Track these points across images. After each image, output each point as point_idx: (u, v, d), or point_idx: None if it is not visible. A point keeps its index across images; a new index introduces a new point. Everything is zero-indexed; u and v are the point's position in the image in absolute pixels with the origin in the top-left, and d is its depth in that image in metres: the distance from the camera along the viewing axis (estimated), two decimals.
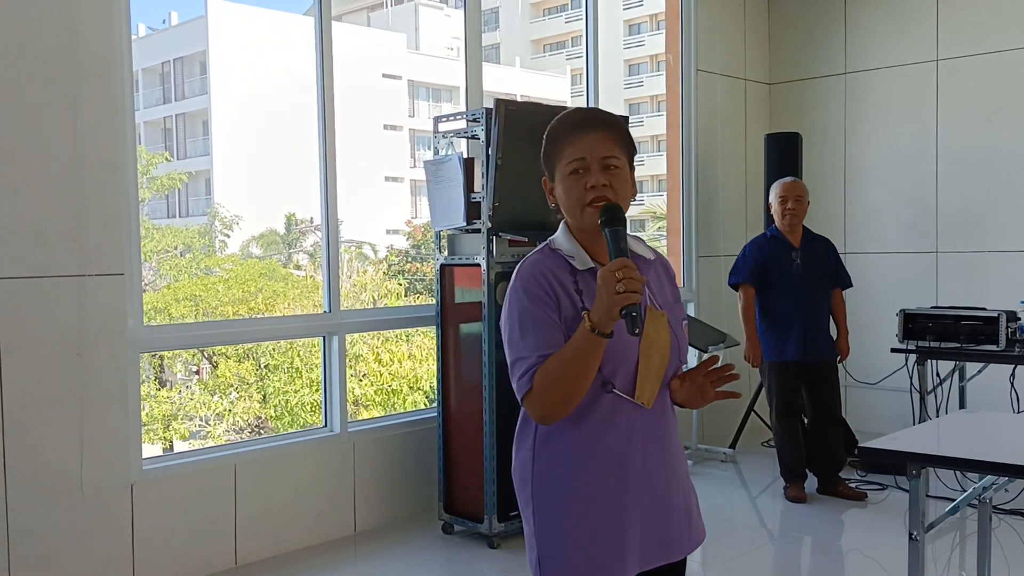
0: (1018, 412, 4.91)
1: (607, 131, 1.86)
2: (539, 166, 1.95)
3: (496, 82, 29.87)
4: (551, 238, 1.92)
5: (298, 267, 20.54)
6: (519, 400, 1.81)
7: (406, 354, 15.08)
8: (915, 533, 2.68)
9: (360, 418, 9.25)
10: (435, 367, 4.56)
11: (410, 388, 14.85)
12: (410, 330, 13.78)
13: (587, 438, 1.81)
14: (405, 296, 17.59)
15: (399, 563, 4.29)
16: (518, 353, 1.79)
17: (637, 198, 2.00)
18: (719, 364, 1.84)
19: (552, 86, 31.61)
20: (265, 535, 4.23)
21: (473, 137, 4.51)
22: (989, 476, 2.79)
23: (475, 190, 4.32)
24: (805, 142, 6.27)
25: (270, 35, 23.90)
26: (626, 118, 4.03)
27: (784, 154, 6.04)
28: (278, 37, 23.74)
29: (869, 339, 5.99)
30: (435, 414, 4.63)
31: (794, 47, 6.95)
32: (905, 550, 2.68)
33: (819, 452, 5.14)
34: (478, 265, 4.31)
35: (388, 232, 22.47)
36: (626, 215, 1.82)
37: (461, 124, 4.56)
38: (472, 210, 4.30)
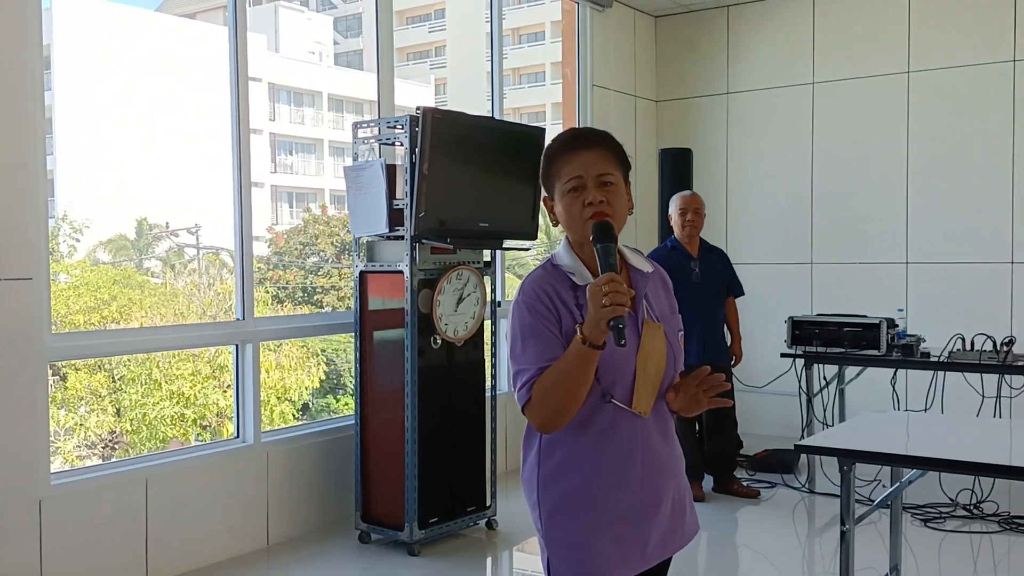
0: (937, 411, 5.30)
1: (602, 148, 1.95)
2: (466, 174, 2.06)
3: (360, 88, 29.60)
4: (554, 254, 1.98)
5: (153, 274, 19.69)
6: (521, 410, 1.88)
7: (273, 363, 14.70)
8: (846, 525, 2.88)
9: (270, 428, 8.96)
10: (353, 373, 4.53)
11: (278, 399, 14.48)
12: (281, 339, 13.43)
13: (589, 446, 1.90)
14: (270, 305, 17.12)
15: (314, 575, 4.23)
16: (519, 365, 1.87)
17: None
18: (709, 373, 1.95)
19: (416, 95, 31.58)
20: (176, 550, 4.08)
21: (388, 143, 4.50)
22: (913, 471, 3.03)
23: (397, 197, 4.31)
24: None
25: (118, 31, 22.85)
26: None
27: (678, 168, 6.31)
28: (127, 33, 22.73)
29: (752, 345, 6.31)
30: (352, 422, 4.58)
31: (680, 67, 7.27)
32: (798, 544, 2.87)
33: (715, 453, 5.39)
34: (400, 272, 4.31)
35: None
36: (620, 230, 1.92)
37: (375, 131, 4.55)
38: (395, 217, 4.30)
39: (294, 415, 13.30)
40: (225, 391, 13.96)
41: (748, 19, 6.97)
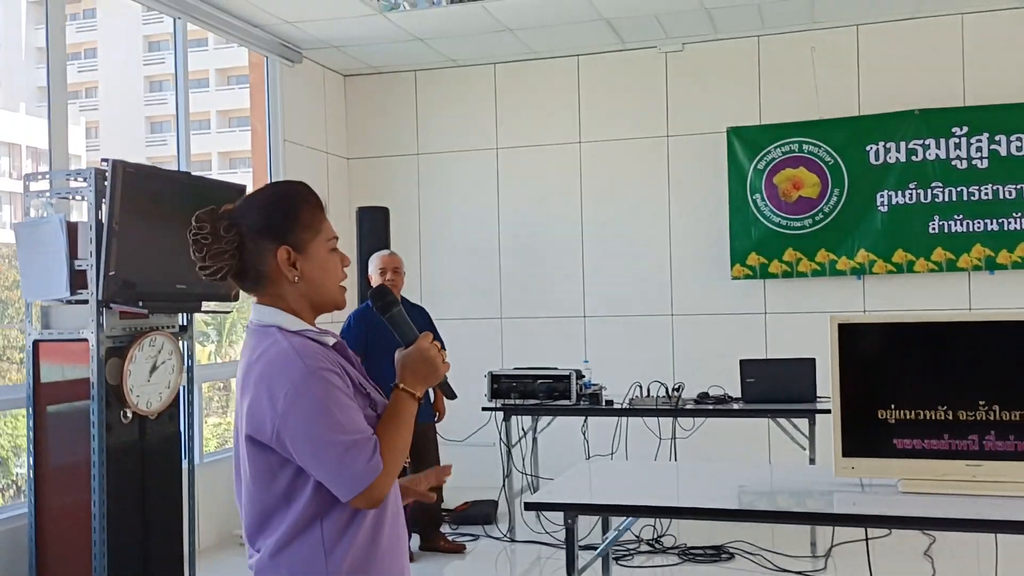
0: (621, 456, 5.65)
1: None
2: (161, 233, 1.94)
3: None
4: (275, 323, 1.79)
5: None
6: (361, 488, 1.69)
7: None
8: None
9: None
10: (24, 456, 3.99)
11: None
12: None
13: (379, 519, 1.81)
14: None
15: None
16: (350, 436, 1.69)
17: None
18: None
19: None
20: None
21: (67, 197, 4.09)
22: (626, 519, 3.24)
23: (79, 257, 3.90)
24: None
25: None
26: None
27: (375, 226, 6.35)
28: None
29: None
30: (24, 510, 4.02)
31: (371, 126, 7.36)
32: None
33: (422, 510, 5.41)
34: (85, 340, 3.89)
35: None
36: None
37: (46, 184, 4.12)
38: (77, 279, 3.88)
39: None
40: None
41: (435, 84, 7.23)
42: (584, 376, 5.53)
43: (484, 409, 5.59)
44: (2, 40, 32.76)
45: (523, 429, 5.81)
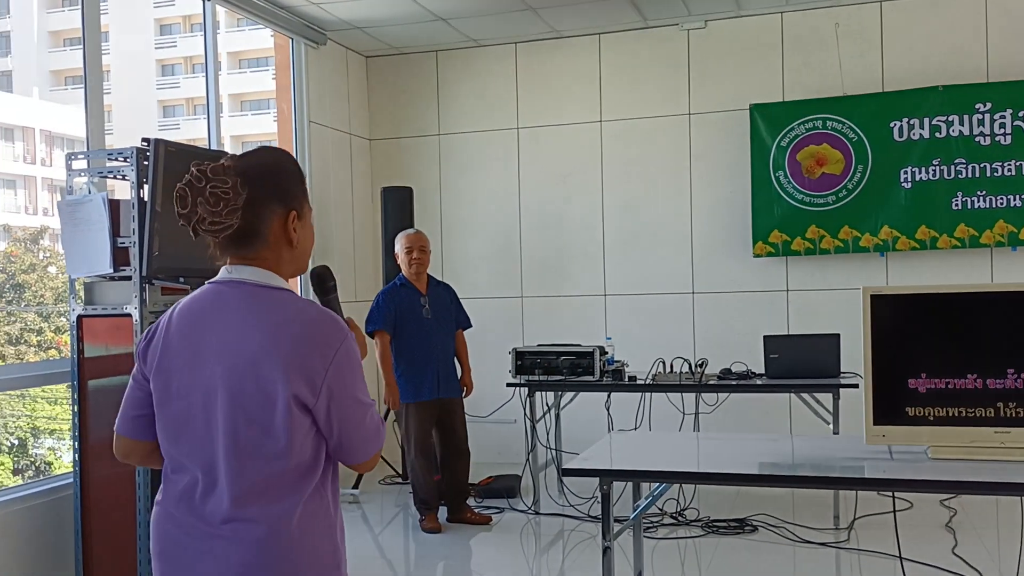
0: (688, 430, 5.74)
1: None
2: None
3: (10, 113, 26.75)
4: (279, 286, 1.80)
5: None
6: (377, 449, 1.83)
7: None
8: (607, 542, 3.10)
9: None
10: (71, 426, 4.09)
11: None
12: None
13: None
14: None
15: None
16: (371, 400, 1.82)
17: None
18: None
19: (74, 121, 29.12)
20: None
21: (110, 176, 4.17)
22: (660, 485, 3.32)
23: (121, 235, 3.99)
24: None
25: None
26: None
27: (399, 206, 6.42)
28: None
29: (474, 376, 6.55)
30: (70, 480, 4.13)
31: (392, 107, 7.42)
32: (523, 563, 3.02)
33: (449, 484, 5.51)
34: (128, 315, 3.98)
35: None
36: None
37: (93, 164, 4.20)
38: (119, 256, 3.97)
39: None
40: None
41: (456, 64, 7.28)
42: (607, 352, 5.60)
43: (508, 385, 5.67)
44: (16, 25, 32.84)
45: (547, 405, 5.89)
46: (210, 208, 1.72)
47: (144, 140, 3.96)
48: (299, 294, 1.86)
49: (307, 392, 1.69)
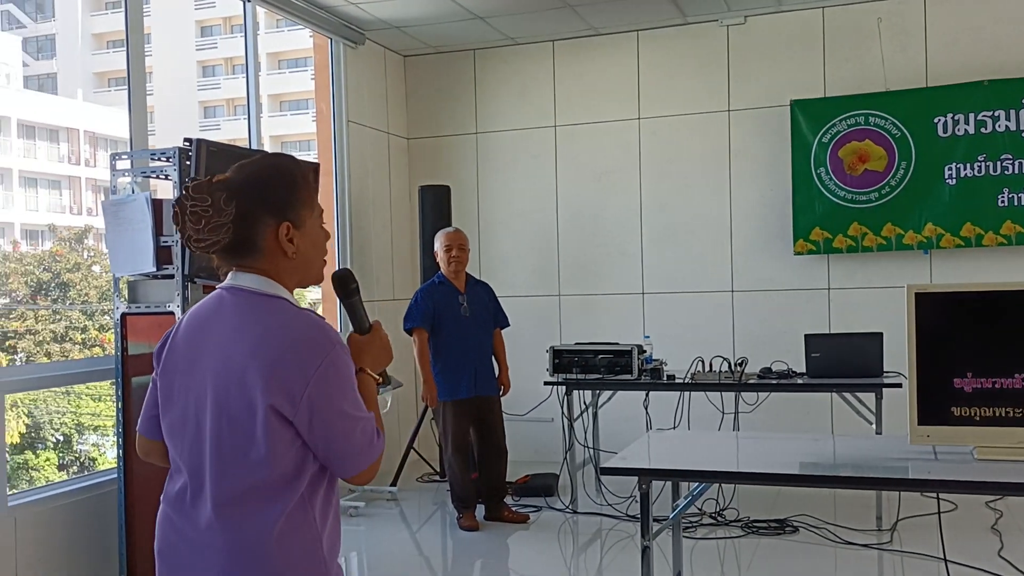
0: (684, 427, 5.71)
1: None
2: None
3: (55, 114, 27.27)
4: (277, 294, 1.78)
5: None
6: (369, 463, 1.76)
7: None
8: (646, 541, 3.08)
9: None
10: (115, 422, 4.16)
11: None
12: None
13: (335, 503, 1.86)
14: None
15: None
16: (364, 413, 1.76)
17: None
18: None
19: (118, 122, 29.58)
20: None
21: (153, 176, 4.23)
22: (700, 484, 3.30)
23: (164, 234, 4.05)
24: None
25: None
26: None
27: (437, 204, 6.44)
28: None
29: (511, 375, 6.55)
30: (115, 475, 4.20)
31: (430, 106, 7.44)
32: (561, 562, 3.00)
33: (487, 483, 5.52)
34: (171, 314, 4.04)
35: None
36: None
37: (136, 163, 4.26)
38: (162, 255, 4.03)
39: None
40: None
41: (493, 63, 7.29)
42: (645, 351, 5.57)
43: (546, 383, 5.67)
44: (60, 28, 33.46)
45: (584, 403, 5.88)
46: (193, 226, 1.73)
47: (186, 140, 4.01)
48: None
49: (285, 403, 1.66)
